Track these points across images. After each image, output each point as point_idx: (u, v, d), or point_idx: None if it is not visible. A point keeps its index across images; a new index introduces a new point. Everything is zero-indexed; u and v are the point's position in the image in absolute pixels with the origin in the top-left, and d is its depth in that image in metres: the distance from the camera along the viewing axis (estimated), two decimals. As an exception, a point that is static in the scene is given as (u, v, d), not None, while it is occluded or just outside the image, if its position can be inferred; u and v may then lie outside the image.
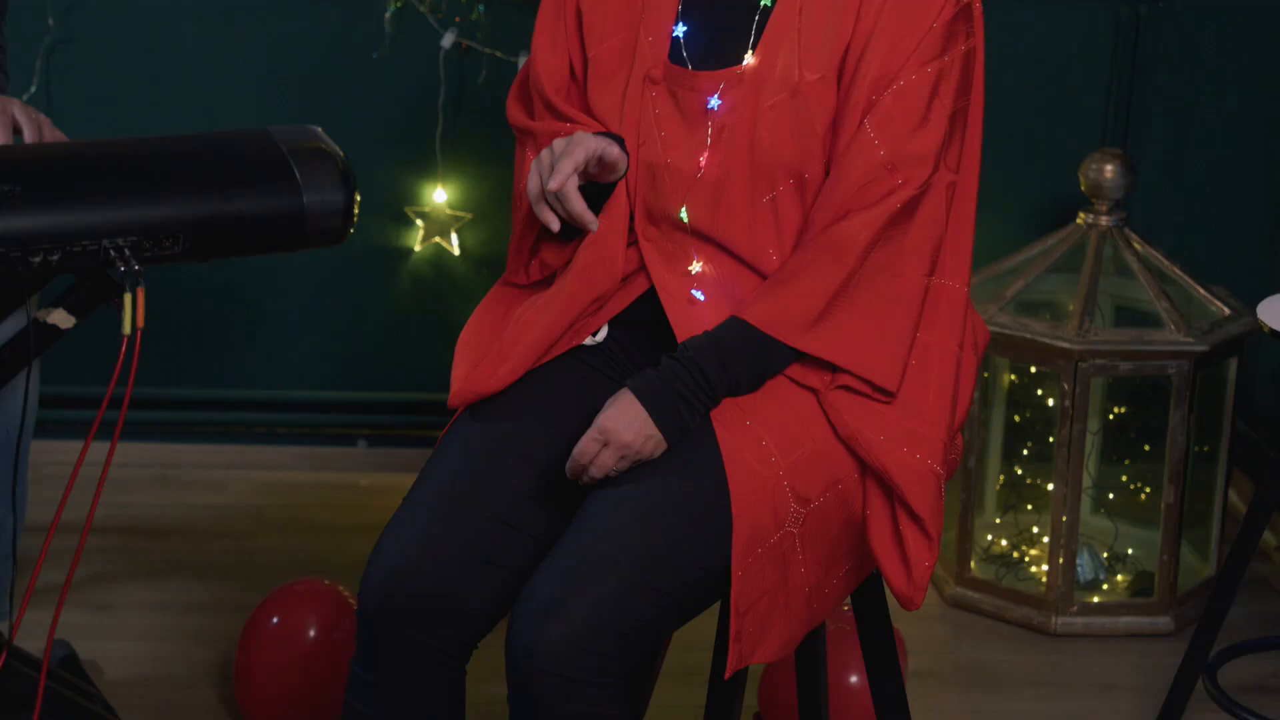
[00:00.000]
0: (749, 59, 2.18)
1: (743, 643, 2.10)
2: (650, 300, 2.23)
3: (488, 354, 2.26)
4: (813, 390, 2.16)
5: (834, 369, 2.15)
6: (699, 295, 2.20)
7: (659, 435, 2.10)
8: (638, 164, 2.22)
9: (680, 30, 2.22)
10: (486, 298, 2.38)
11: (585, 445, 2.09)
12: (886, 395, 2.14)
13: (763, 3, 2.19)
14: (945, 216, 2.17)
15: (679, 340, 2.17)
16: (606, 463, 2.09)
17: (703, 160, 2.19)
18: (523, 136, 2.33)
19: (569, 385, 2.25)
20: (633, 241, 2.24)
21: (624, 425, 2.09)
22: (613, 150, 2.15)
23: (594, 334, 2.26)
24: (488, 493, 2.16)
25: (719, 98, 2.18)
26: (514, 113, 2.35)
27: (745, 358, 2.13)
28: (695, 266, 2.21)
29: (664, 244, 2.22)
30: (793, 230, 2.18)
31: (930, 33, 2.13)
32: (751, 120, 2.16)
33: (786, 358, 2.15)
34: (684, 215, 2.20)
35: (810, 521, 2.12)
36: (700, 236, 2.20)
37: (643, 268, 2.23)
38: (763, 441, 2.11)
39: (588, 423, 2.13)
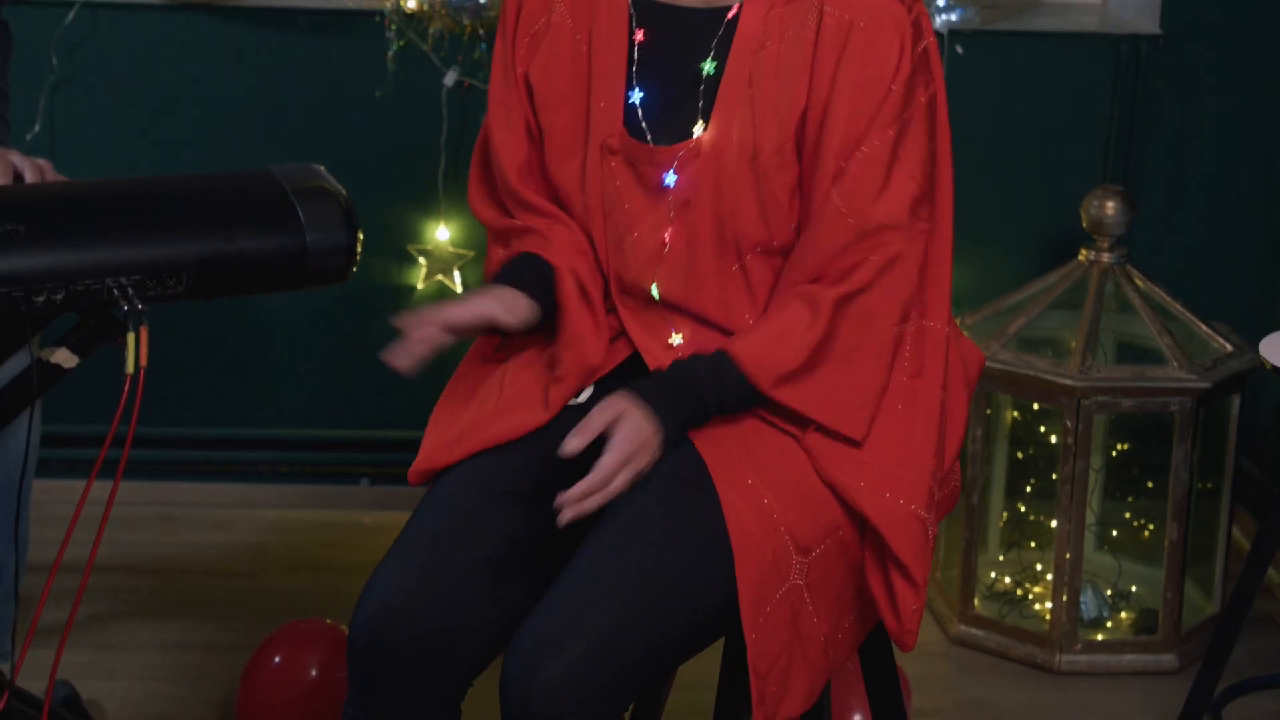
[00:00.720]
0: (699, 130, 2.17)
1: (766, 704, 2.08)
2: (633, 360, 2.24)
3: (454, 431, 2.25)
4: (793, 435, 2.16)
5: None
6: (676, 340, 2.22)
7: (660, 452, 2.09)
8: (606, 235, 2.22)
9: (636, 96, 2.20)
10: (458, 370, 2.37)
11: (606, 461, 2.05)
12: (854, 444, 2.14)
13: (705, 72, 2.17)
14: (918, 268, 2.16)
15: None
16: (622, 485, 2.06)
17: (667, 236, 2.18)
18: (493, 234, 2.33)
19: (558, 429, 2.24)
20: (611, 309, 2.25)
21: (645, 449, 2.06)
22: (490, 313, 2.17)
23: (576, 396, 2.25)
24: (480, 532, 2.15)
25: (674, 173, 2.17)
26: (479, 207, 2.34)
27: (733, 390, 2.12)
28: (675, 339, 2.21)
29: (641, 312, 2.23)
30: (765, 292, 2.18)
31: (890, 95, 2.12)
32: (714, 193, 2.15)
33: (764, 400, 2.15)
34: (655, 292, 2.20)
35: (814, 570, 2.11)
36: (675, 309, 2.21)
37: (623, 332, 2.24)
38: (764, 500, 2.10)
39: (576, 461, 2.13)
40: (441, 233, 3.71)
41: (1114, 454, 3.44)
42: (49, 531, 2.92)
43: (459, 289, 3.72)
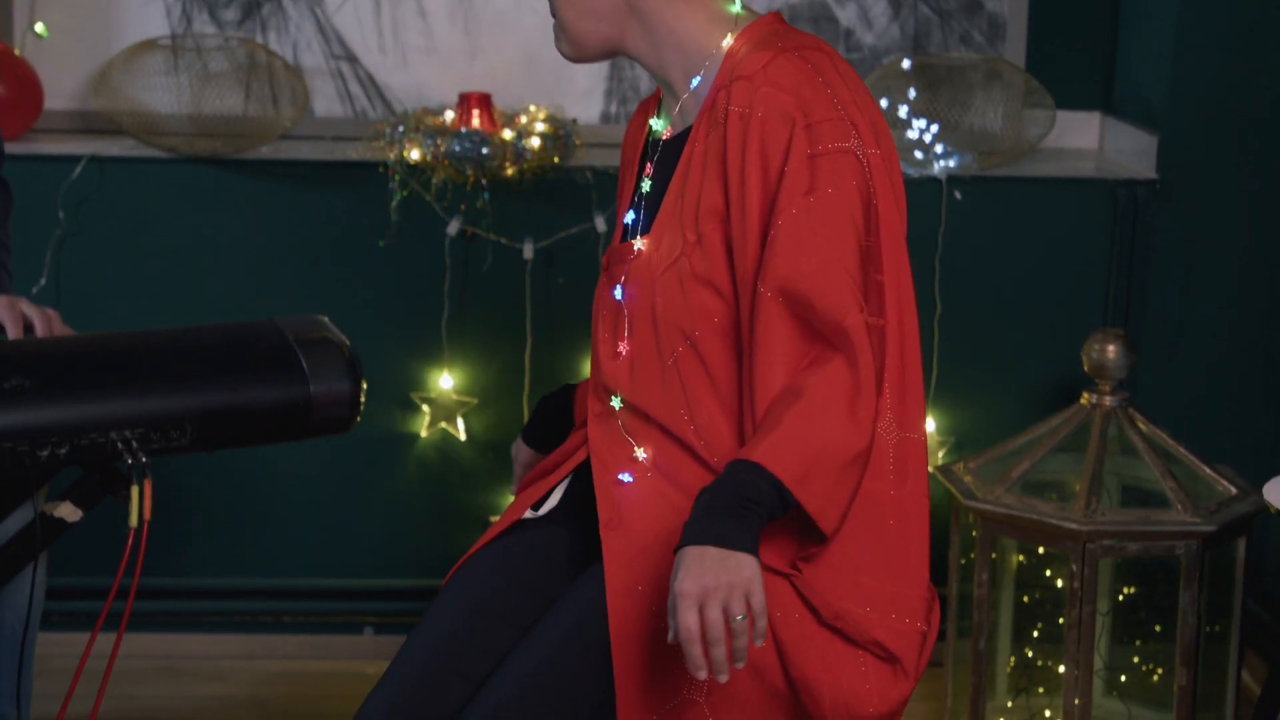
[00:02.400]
0: (639, 244, 2.26)
1: None
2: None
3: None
4: (785, 575, 2.15)
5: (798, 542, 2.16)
6: (626, 478, 2.24)
7: (738, 555, 2.00)
8: (599, 353, 2.32)
9: (629, 218, 2.32)
10: None
11: (680, 620, 1.99)
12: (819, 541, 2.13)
13: (643, 189, 2.29)
14: (876, 357, 2.15)
15: (599, 499, 2.22)
16: (715, 616, 1.99)
17: (622, 348, 2.26)
18: None
19: (539, 543, 2.33)
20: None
21: (699, 572, 1.99)
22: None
23: (534, 507, 2.37)
24: (468, 658, 2.22)
25: (622, 287, 2.27)
26: None
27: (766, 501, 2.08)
28: (640, 454, 2.25)
29: (608, 423, 2.29)
30: (698, 390, 2.21)
31: (786, 175, 2.13)
32: (649, 295, 2.23)
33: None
34: (616, 403, 2.28)
35: (718, 691, 2.13)
36: (635, 421, 2.26)
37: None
38: (651, 606, 2.14)
39: (557, 580, 2.23)
40: (445, 380, 3.72)
41: (1121, 598, 3.43)
42: (52, 686, 2.92)
43: (462, 436, 3.73)
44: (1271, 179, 3.70)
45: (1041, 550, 3.34)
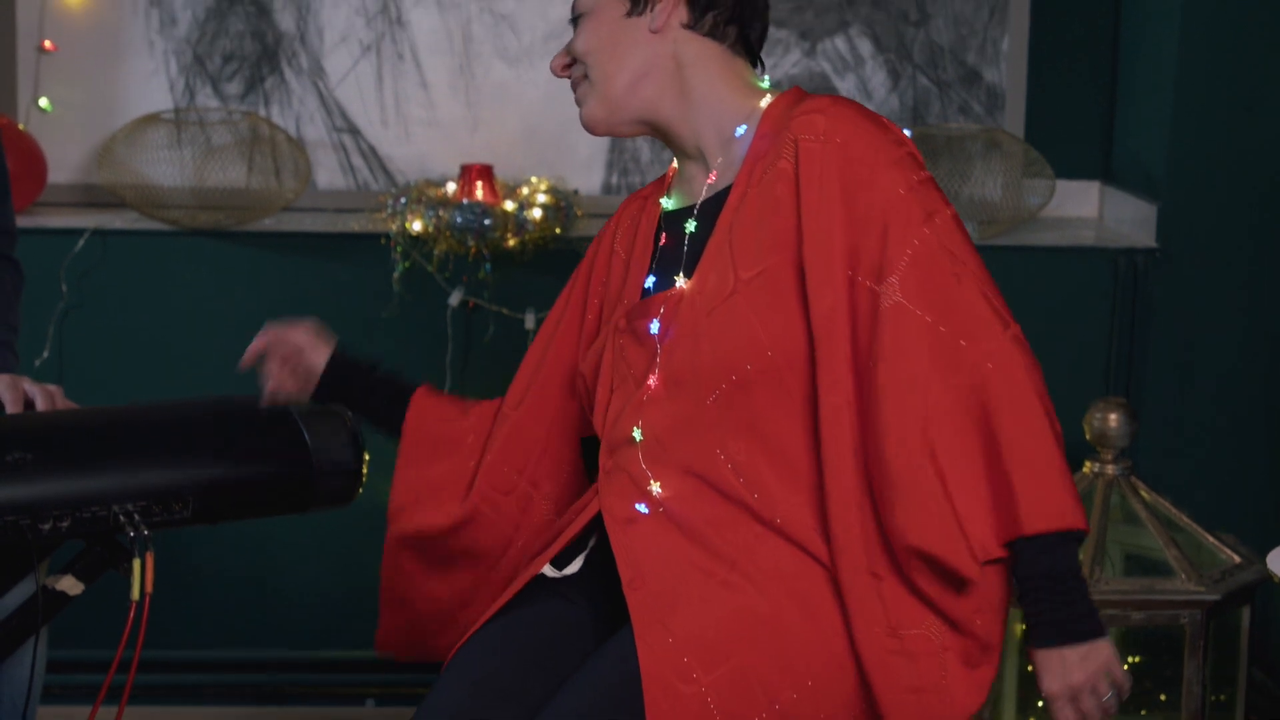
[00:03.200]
0: (680, 281, 2.24)
1: None
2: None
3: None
4: (876, 576, 2.16)
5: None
6: (642, 509, 2.22)
7: (1090, 645, 2.12)
8: (607, 407, 2.28)
9: (650, 281, 2.31)
10: None
11: (1061, 718, 2.13)
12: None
13: (688, 230, 2.27)
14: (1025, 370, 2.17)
15: (618, 560, 2.19)
16: (1090, 707, 2.13)
17: (652, 380, 2.24)
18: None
19: (551, 614, 2.28)
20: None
21: (1062, 673, 2.12)
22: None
23: (556, 565, 2.31)
24: None
25: (659, 321, 2.24)
26: None
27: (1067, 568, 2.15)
28: (654, 487, 2.23)
29: (618, 474, 2.27)
30: (739, 428, 2.20)
31: (902, 199, 2.15)
32: (692, 336, 2.21)
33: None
34: (637, 434, 2.25)
35: None
36: (655, 456, 2.24)
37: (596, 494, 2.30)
38: (684, 658, 2.10)
39: (568, 656, 2.18)
40: (447, 451, 3.71)
41: (1125, 667, 3.41)
42: (52, 760, 2.90)
43: (465, 507, 3.72)
44: (1271, 247, 3.71)
45: (1045, 619, 3.33)
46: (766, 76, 2.33)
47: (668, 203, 2.34)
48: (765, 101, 2.27)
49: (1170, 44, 3.68)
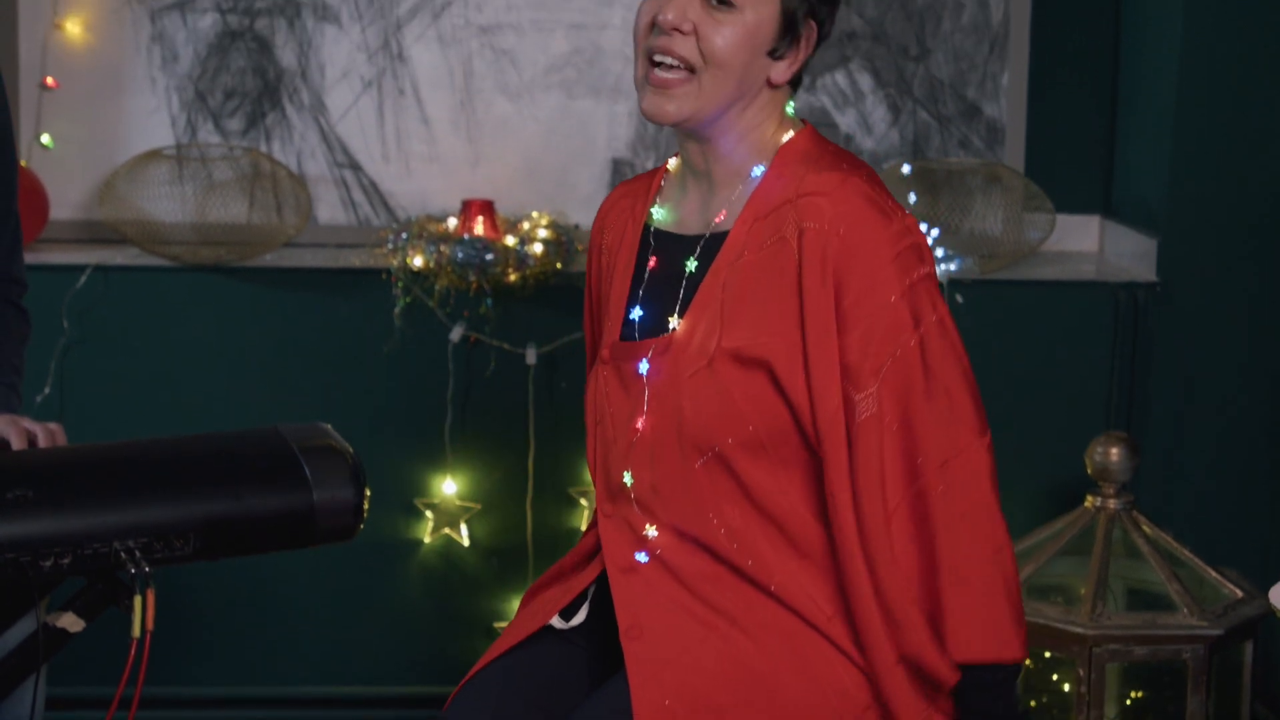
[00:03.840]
0: (674, 324, 2.22)
1: None
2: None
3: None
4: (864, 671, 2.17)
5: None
6: (641, 558, 2.22)
7: None
8: (596, 443, 2.29)
9: (635, 314, 2.28)
10: None
11: None
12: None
13: (687, 269, 2.24)
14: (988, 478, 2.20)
15: (617, 609, 2.19)
16: None
17: (640, 424, 2.22)
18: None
19: (552, 658, 2.28)
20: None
21: None
22: None
23: (563, 616, 2.30)
24: None
25: (648, 362, 2.22)
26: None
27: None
28: (650, 531, 2.23)
29: (617, 520, 2.26)
30: (729, 496, 2.19)
31: (892, 307, 2.14)
32: (676, 388, 2.20)
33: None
34: (628, 479, 2.24)
35: None
36: (648, 501, 2.23)
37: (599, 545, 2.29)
38: (677, 712, 2.10)
39: (568, 697, 2.18)
40: (449, 486, 3.71)
41: (1128, 702, 3.41)
42: (52, 796, 2.89)
43: (466, 542, 3.72)
44: (1272, 280, 3.71)
45: (1047, 654, 3.32)
46: (792, 102, 2.30)
47: (658, 215, 2.31)
48: (786, 137, 2.25)
49: (1169, 79, 3.69)
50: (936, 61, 3.94)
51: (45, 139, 3.82)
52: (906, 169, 3.77)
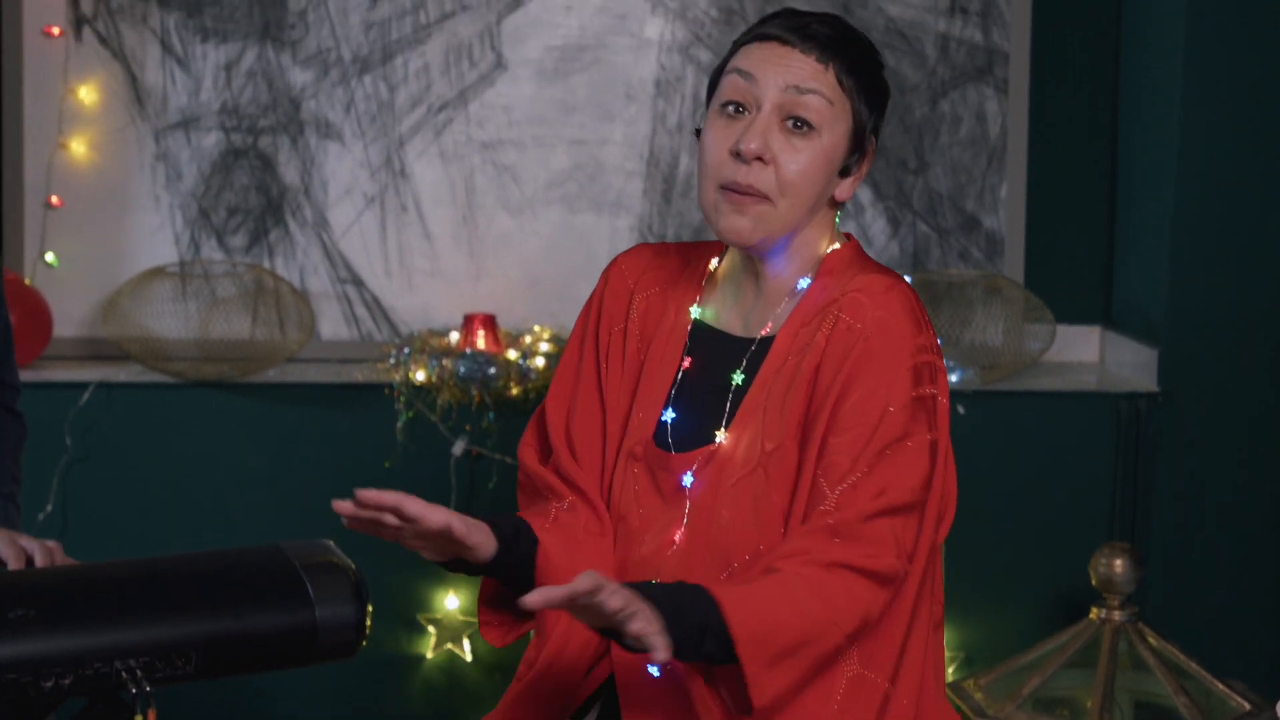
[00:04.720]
0: (720, 437, 2.21)
1: None
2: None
3: None
4: None
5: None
6: (654, 671, 2.19)
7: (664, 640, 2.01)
8: (617, 538, 2.26)
9: (669, 416, 2.26)
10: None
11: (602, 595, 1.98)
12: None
13: (734, 383, 2.24)
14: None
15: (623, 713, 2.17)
16: (616, 606, 1.98)
17: (677, 536, 2.21)
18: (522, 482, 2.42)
19: None
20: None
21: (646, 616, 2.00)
22: (448, 521, 2.13)
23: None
24: None
25: (693, 475, 2.21)
26: (523, 451, 2.42)
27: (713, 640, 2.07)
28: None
29: None
30: None
31: (886, 416, 2.13)
32: (714, 498, 2.19)
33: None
34: None
35: None
36: None
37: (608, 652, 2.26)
38: None
39: None
40: (451, 601, 3.70)
41: (1136, 816, 3.38)
42: None
43: (468, 657, 3.70)
44: (1273, 389, 3.72)
45: (1055, 768, 3.30)
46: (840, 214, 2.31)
47: (699, 314, 2.30)
48: (832, 249, 2.26)
49: (1167, 190, 3.71)
50: (935, 174, 3.97)
51: (50, 257, 3.84)
52: (907, 281, 3.78)
